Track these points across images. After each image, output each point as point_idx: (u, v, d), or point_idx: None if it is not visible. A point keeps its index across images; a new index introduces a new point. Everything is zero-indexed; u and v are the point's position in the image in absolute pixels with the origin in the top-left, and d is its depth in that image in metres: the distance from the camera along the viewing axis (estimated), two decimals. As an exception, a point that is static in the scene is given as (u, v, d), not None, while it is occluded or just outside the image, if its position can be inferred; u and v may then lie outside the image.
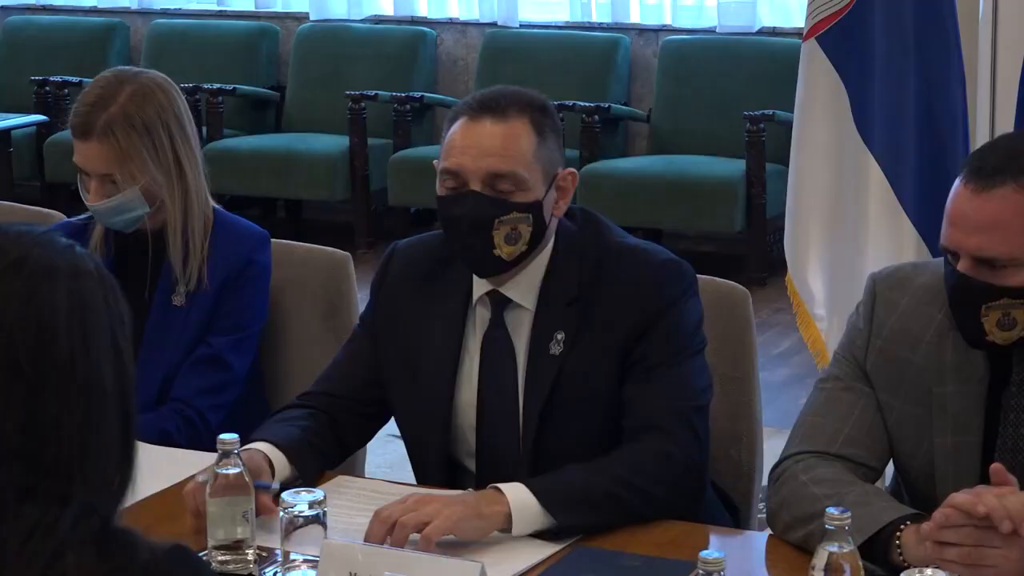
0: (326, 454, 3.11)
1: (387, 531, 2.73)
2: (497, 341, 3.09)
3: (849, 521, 2.38)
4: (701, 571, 2.24)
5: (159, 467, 1.91)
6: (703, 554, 2.24)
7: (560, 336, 3.05)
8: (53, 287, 1.77)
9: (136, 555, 1.73)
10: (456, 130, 3.01)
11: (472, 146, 2.98)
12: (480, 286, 3.10)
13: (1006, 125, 4.37)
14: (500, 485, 2.84)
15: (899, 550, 2.58)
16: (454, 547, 2.76)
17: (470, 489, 2.95)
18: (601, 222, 3.15)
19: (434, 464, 3.13)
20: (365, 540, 2.72)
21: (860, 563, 2.39)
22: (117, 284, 1.87)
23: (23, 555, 1.67)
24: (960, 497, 2.49)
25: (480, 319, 3.12)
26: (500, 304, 3.09)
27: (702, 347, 3.08)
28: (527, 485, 2.83)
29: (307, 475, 3.00)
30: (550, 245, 3.09)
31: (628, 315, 3.02)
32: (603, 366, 3.03)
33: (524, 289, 3.08)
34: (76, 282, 1.79)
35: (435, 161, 3.06)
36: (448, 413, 3.11)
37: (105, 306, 1.81)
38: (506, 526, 2.80)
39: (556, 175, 3.06)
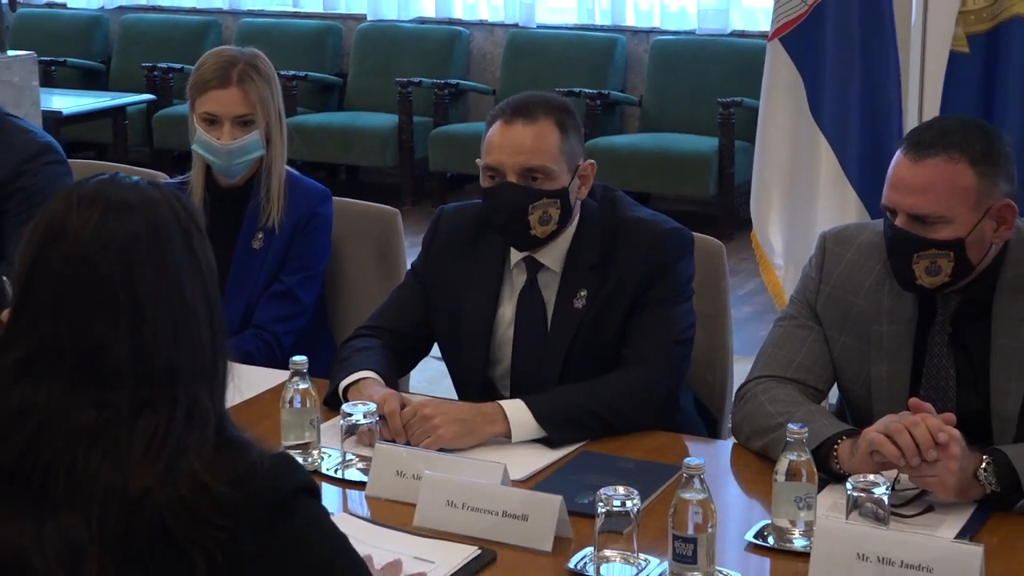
0: (396, 376, 3.09)
1: (400, 432, 2.76)
2: (531, 298, 3.06)
3: (806, 435, 2.37)
4: (685, 474, 2.21)
5: (240, 383, 1.85)
6: (687, 460, 2.21)
7: (583, 294, 3.01)
8: (134, 224, 1.70)
9: (247, 455, 1.68)
10: (493, 132, 2.97)
11: (507, 145, 2.94)
12: (516, 253, 3.07)
13: (932, 111, 4.34)
14: (504, 403, 2.83)
15: (836, 460, 2.56)
16: (482, 450, 2.75)
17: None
18: (617, 197, 3.11)
19: (474, 392, 3.08)
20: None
21: (814, 469, 2.37)
22: (186, 200, 1.79)
23: (147, 455, 1.63)
24: (885, 448, 2.46)
25: (516, 278, 3.08)
26: (534, 268, 3.05)
27: (690, 295, 3.05)
28: (527, 404, 2.82)
29: None
30: (576, 220, 3.05)
31: (638, 273, 2.98)
32: (616, 316, 2.99)
33: (554, 256, 3.04)
34: (151, 214, 1.71)
35: (478, 160, 3.01)
36: (484, 355, 3.07)
37: (179, 228, 1.73)
38: (503, 436, 2.80)
39: (578, 166, 3.01)
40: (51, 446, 1.64)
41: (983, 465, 2.47)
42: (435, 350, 3.24)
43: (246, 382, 2.96)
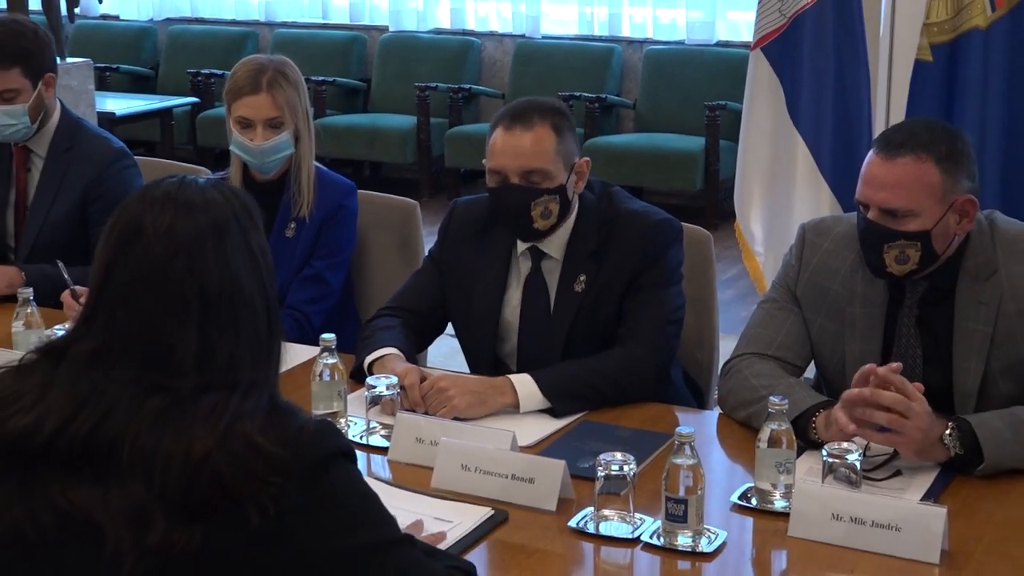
0: (415, 352, 3.07)
1: (419, 402, 2.73)
2: (535, 283, 3.04)
3: (787, 407, 2.36)
4: (677, 441, 2.20)
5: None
6: (678, 429, 2.20)
7: (582, 279, 2.99)
8: (200, 224, 1.70)
9: (294, 422, 1.69)
10: (496, 138, 2.94)
11: (508, 150, 2.92)
12: (522, 243, 3.05)
13: (899, 115, 4.32)
14: (512, 377, 2.82)
15: (814, 430, 2.55)
16: (493, 419, 2.73)
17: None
18: (613, 191, 3.09)
19: (484, 367, 3.07)
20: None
21: (794, 437, 2.36)
22: (245, 198, 1.78)
23: (207, 424, 1.63)
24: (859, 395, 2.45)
25: (522, 265, 3.06)
26: (537, 256, 3.04)
27: (680, 279, 3.04)
28: (534, 378, 2.81)
29: None
30: (575, 212, 3.03)
31: (632, 260, 2.97)
32: (613, 298, 2.98)
33: (556, 245, 3.03)
34: (214, 214, 1.71)
35: (484, 161, 2.99)
36: (494, 334, 3.06)
37: (238, 226, 1.73)
38: (512, 407, 2.78)
39: (574, 164, 2.99)
40: (117, 424, 1.64)
41: (948, 430, 2.46)
42: (450, 328, 3.22)
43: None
